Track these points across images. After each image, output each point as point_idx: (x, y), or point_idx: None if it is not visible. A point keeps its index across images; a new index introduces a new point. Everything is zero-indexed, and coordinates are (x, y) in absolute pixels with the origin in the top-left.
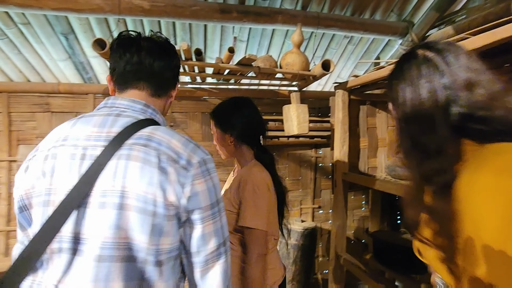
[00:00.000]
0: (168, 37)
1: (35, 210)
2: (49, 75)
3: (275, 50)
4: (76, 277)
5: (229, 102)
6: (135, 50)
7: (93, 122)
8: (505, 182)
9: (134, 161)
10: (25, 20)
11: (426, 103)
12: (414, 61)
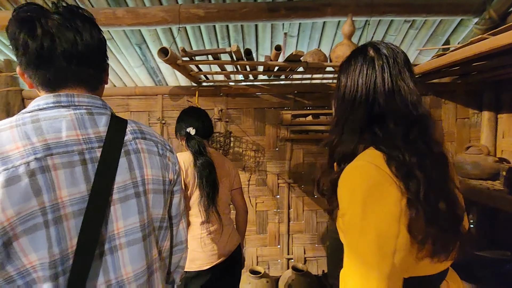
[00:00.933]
0: (223, 39)
1: (41, 232)
2: (128, 80)
3: (327, 42)
4: (119, 269)
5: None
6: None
7: (65, 125)
8: (344, 176)
9: (142, 153)
10: (109, 36)
11: (356, 93)
12: (360, 58)
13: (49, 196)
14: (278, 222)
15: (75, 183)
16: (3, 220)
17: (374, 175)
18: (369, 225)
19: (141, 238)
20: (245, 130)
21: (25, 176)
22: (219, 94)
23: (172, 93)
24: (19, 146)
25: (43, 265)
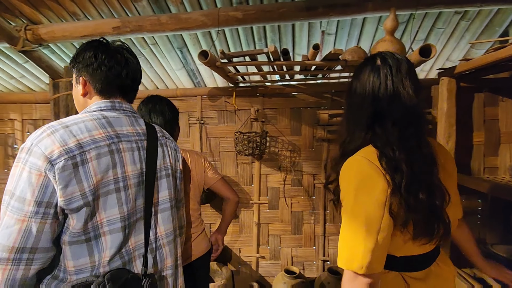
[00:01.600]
0: (260, 40)
1: (112, 196)
2: (170, 82)
3: (367, 39)
4: (160, 226)
5: None
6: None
7: (124, 122)
8: (343, 169)
9: (167, 147)
10: (153, 41)
11: (363, 97)
12: (369, 66)
13: (122, 170)
14: (314, 223)
15: (135, 162)
16: (94, 182)
17: (366, 168)
18: (359, 209)
19: (169, 207)
20: (281, 130)
21: (107, 154)
22: (256, 94)
23: (211, 94)
24: (101, 132)
25: (110, 221)
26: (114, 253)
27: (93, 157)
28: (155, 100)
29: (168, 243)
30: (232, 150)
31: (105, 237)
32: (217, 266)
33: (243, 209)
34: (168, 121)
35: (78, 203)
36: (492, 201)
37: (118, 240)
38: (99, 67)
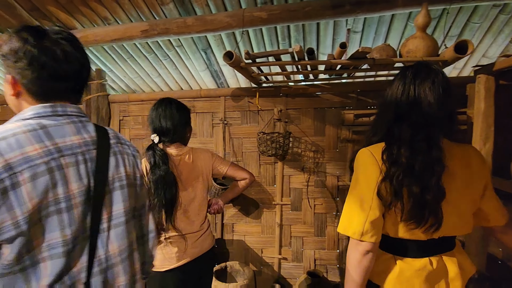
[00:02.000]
0: (283, 40)
1: (53, 218)
2: (194, 83)
3: (395, 36)
4: (113, 242)
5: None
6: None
7: (68, 131)
8: (355, 157)
9: (123, 154)
10: (179, 43)
11: (390, 101)
12: (401, 74)
13: (64, 189)
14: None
15: (81, 177)
16: (29, 208)
17: (365, 158)
18: (356, 189)
19: (124, 221)
20: (304, 131)
21: (45, 173)
22: (279, 95)
23: (234, 95)
24: (37, 148)
25: (51, 245)
26: (54, 280)
27: (27, 179)
28: (165, 104)
29: (122, 261)
30: (255, 150)
31: (45, 263)
32: (239, 266)
33: (265, 210)
34: (178, 125)
35: (10, 234)
36: None
37: (59, 266)
38: (29, 65)
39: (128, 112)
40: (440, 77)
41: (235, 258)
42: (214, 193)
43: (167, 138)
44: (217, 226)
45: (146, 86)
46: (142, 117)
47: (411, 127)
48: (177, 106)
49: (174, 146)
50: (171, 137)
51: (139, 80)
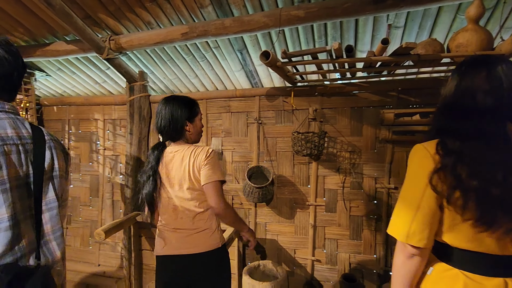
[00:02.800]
0: (320, 38)
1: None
2: (229, 83)
3: (442, 30)
4: (47, 223)
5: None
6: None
7: (7, 125)
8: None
9: (56, 149)
10: (216, 44)
11: (445, 94)
12: (455, 71)
13: (7, 171)
14: (375, 230)
15: (21, 164)
16: None
17: (418, 152)
18: (404, 187)
19: (57, 206)
20: (340, 130)
21: None
22: (314, 94)
23: (268, 94)
24: None
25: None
26: (4, 250)
27: None
28: (162, 103)
29: (56, 238)
30: (289, 150)
31: None
32: (272, 265)
33: (298, 210)
34: (172, 123)
35: None
36: None
37: (7, 238)
38: None
39: None
40: (499, 65)
41: (268, 257)
42: (248, 192)
43: (165, 137)
44: (250, 224)
45: (184, 87)
46: None
47: (469, 117)
48: (174, 104)
49: (176, 144)
50: (168, 135)
51: (177, 81)
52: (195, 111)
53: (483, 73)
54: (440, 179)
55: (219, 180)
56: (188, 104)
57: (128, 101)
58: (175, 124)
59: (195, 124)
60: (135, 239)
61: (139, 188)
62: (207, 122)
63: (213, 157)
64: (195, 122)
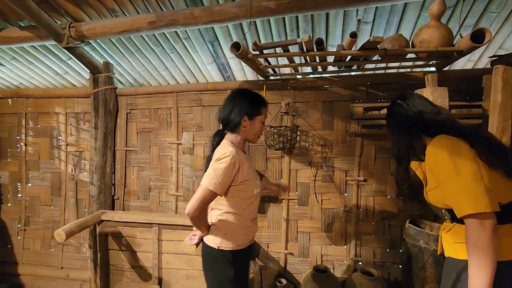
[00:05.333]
0: (292, 31)
1: None
2: (200, 76)
3: (407, 26)
4: None
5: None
6: None
7: None
8: (431, 149)
9: None
10: (186, 35)
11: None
12: (394, 105)
13: None
14: (345, 222)
15: None
16: None
17: (459, 144)
18: (458, 172)
19: None
20: (312, 124)
21: None
22: (286, 88)
23: (241, 87)
24: None
25: None
26: None
27: None
28: (231, 91)
29: None
30: (262, 144)
31: None
32: None
33: (271, 204)
34: (231, 111)
35: None
36: None
37: None
38: None
39: (135, 105)
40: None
41: None
42: None
43: (221, 125)
44: None
45: (153, 80)
46: (149, 110)
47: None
48: (241, 95)
49: (228, 134)
50: (222, 123)
51: (146, 74)
52: (259, 110)
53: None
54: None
55: (206, 186)
56: (254, 100)
57: (92, 94)
58: (230, 114)
59: (254, 124)
60: (101, 238)
61: (105, 185)
62: (177, 116)
63: (220, 163)
64: (254, 120)
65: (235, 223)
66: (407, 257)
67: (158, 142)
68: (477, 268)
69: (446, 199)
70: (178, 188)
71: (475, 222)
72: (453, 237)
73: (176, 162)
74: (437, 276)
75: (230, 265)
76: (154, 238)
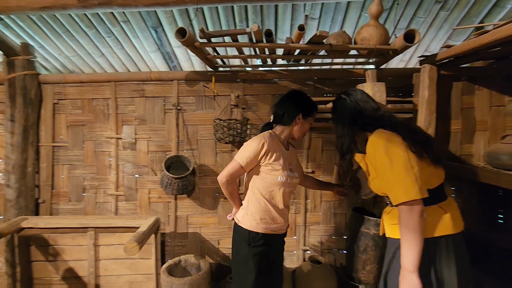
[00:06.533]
0: (241, 22)
1: None
2: (143, 65)
3: (350, 25)
4: None
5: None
6: None
7: None
8: (370, 143)
9: None
10: (125, 18)
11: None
12: (338, 100)
13: None
14: (295, 213)
15: None
16: None
17: (393, 137)
18: (392, 162)
19: None
20: (262, 118)
21: None
22: (236, 80)
23: (188, 78)
24: None
25: None
26: None
27: None
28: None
29: None
30: (211, 138)
31: None
32: (194, 259)
33: (222, 200)
34: (287, 107)
35: None
36: (468, 187)
37: None
38: None
39: (64, 95)
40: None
41: (190, 252)
42: (166, 184)
43: (274, 118)
44: (170, 219)
45: (87, 67)
46: (82, 100)
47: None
48: (290, 94)
49: (277, 127)
50: (276, 116)
51: (78, 60)
52: (312, 112)
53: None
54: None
55: (236, 160)
56: (310, 103)
57: (6, 80)
58: (288, 110)
59: (305, 124)
60: (21, 249)
61: (26, 187)
62: (116, 108)
63: (251, 141)
64: (307, 121)
65: (258, 205)
66: (350, 242)
67: (94, 136)
68: (407, 246)
69: (384, 188)
70: (119, 187)
71: (405, 208)
72: (391, 219)
73: (115, 158)
74: (376, 258)
75: (245, 243)
76: (90, 243)
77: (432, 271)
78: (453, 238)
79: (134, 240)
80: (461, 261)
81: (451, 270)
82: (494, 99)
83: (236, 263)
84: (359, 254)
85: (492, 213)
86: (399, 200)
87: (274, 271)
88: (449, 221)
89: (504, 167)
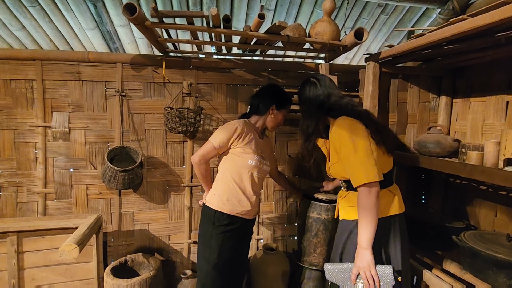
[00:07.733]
0: (195, 5)
1: None
2: (77, 44)
3: (303, 19)
4: None
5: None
6: None
7: None
8: (336, 129)
9: None
10: None
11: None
12: (308, 83)
13: None
14: None
15: None
16: None
17: (356, 123)
18: (355, 147)
19: None
20: (216, 107)
21: None
22: (189, 67)
23: (135, 62)
24: None
25: None
26: None
27: None
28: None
29: None
30: (161, 128)
31: None
32: (143, 257)
33: (172, 193)
34: (254, 104)
35: None
36: (397, 172)
37: None
38: None
39: None
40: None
41: (137, 251)
42: (110, 178)
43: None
44: (114, 216)
45: (2, 41)
46: None
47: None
48: (267, 87)
49: (253, 116)
50: (251, 110)
51: None
52: (285, 105)
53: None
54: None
55: (210, 141)
56: (285, 96)
57: None
58: (263, 101)
59: (278, 116)
60: None
61: None
62: (44, 91)
63: (225, 124)
64: (280, 112)
65: (226, 186)
66: (302, 228)
67: (13, 124)
68: (364, 225)
69: (344, 172)
70: (48, 184)
71: (365, 190)
72: (347, 202)
73: (43, 150)
74: (326, 240)
75: (210, 222)
76: (11, 251)
77: (382, 247)
78: (399, 217)
79: (73, 242)
80: (404, 238)
81: (396, 247)
82: (422, 95)
83: (201, 242)
84: (311, 238)
85: (417, 194)
86: (360, 181)
87: (237, 256)
88: (396, 202)
89: (431, 153)
